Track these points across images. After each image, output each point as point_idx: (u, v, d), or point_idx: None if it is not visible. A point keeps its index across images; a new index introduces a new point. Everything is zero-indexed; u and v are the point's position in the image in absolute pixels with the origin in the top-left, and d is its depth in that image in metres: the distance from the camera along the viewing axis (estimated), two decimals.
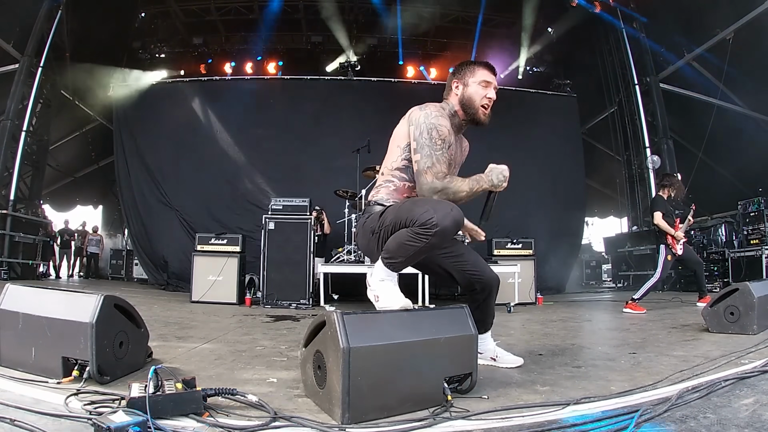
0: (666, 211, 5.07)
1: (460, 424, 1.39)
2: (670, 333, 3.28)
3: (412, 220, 1.74)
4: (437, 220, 1.69)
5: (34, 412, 1.36)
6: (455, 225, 1.73)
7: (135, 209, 8.75)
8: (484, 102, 2.08)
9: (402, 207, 1.86)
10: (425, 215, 1.70)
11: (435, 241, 1.72)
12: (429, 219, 1.69)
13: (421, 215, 1.72)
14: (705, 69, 8.54)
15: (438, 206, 1.75)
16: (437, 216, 1.69)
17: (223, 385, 1.55)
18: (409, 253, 1.78)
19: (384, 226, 1.90)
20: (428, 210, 1.72)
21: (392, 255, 1.82)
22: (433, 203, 1.80)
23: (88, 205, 14.02)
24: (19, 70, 8.48)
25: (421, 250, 1.76)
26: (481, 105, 2.08)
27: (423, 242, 1.73)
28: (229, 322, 4.05)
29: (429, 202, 1.83)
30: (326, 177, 7.98)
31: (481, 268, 2.09)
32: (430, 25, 10.48)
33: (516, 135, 9.30)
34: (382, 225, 1.91)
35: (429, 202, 1.83)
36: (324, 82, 9.76)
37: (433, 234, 1.70)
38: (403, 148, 2.03)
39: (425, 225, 1.70)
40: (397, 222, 1.82)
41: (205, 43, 10.54)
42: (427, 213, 1.71)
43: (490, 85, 2.08)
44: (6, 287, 1.93)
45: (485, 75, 2.09)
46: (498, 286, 2.13)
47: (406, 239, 1.76)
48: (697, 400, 1.52)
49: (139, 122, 9.07)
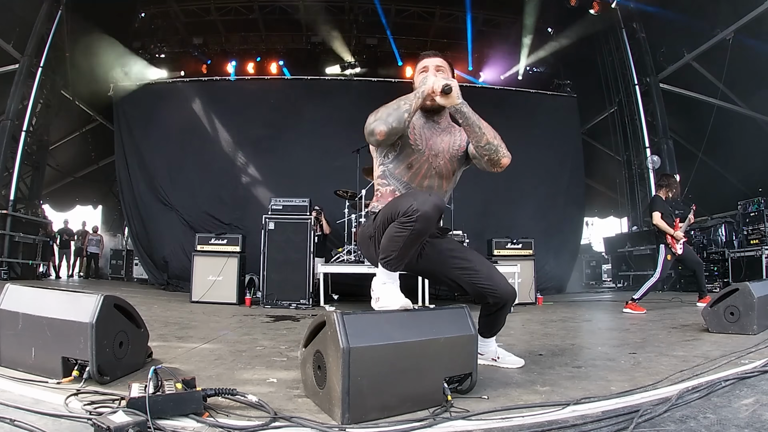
0: (665, 211, 5.07)
1: (460, 424, 1.39)
2: (670, 333, 3.28)
3: (396, 212, 1.79)
4: (417, 206, 1.73)
5: (34, 412, 1.35)
6: (435, 208, 1.76)
7: (135, 209, 8.75)
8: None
9: (387, 205, 1.92)
10: (405, 204, 1.77)
11: (419, 226, 1.75)
12: (409, 206, 1.74)
13: (402, 206, 1.78)
14: (705, 69, 8.54)
15: (417, 194, 1.82)
16: (416, 202, 1.74)
17: (223, 385, 1.55)
18: (399, 245, 1.80)
19: (377, 227, 1.94)
20: (408, 199, 1.79)
21: (386, 252, 1.85)
22: (412, 193, 1.90)
23: (88, 205, 14.03)
24: (19, 70, 8.48)
25: (410, 239, 1.78)
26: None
27: (408, 230, 1.76)
28: (229, 322, 4.05)
29: (409, 194, 1.90)
30: (326, 177, 7.98)
31: (496, 281, 2.01)
32: (429, 25, 10.51)
33: (516, 135, 9.26)
34: (376, 227, 1.95)
35: (409, 194, 1.90)
36: (324, 82, 9.77)
37: (416, 219, 1.73)
38: (377, 155, 2.11)
39: (407, 213, 1.74)
40: (385, 220, 1.87)
41: (205, 43, 10.55)
42: (407, 202, 1.77)
43: (427, 69, 2.10)
44: (6, 287, 1.93)
45: (422, 63, 2.14)
46: (513, 300, 2.08)
47: (394, 232, 1.80)
48: (697, 400, 1.52)
49: (139, 122, 9.07)
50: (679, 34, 8.60)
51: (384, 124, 1.85)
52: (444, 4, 10.20)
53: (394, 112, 1.87)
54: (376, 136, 1.86)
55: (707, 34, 8.11)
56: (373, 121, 1.88)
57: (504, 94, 9.94)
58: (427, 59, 2.14)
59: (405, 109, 1.88)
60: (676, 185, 5.40)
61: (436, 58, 2.14)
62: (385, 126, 1.84)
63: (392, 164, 2.06)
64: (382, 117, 1.87)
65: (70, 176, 12.50)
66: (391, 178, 2.07)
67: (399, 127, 1.87)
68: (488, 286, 2.00)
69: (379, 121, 1.86)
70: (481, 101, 9.58)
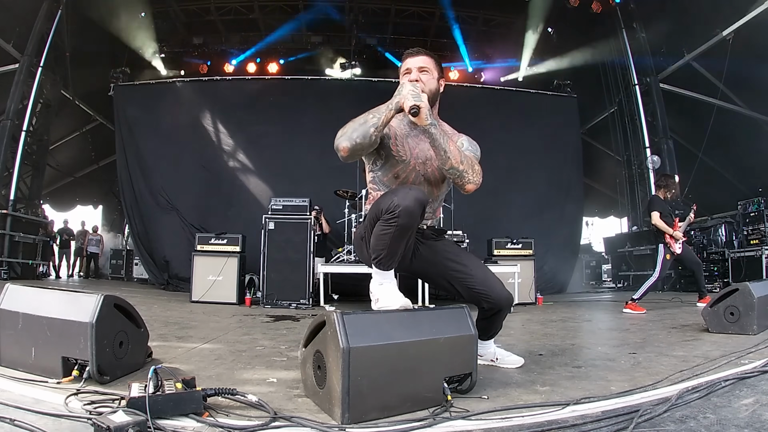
0: (663, 211, 5.07)
1: (460, 424, 1.39)
2: (669, 333, 3.28)
3: (380, 210, 1.80)
4: (398, 201, 1.73)
5: (34, 412, 1.35)
6: (417, 202, 1.75)
7: (136, 208, 8.75)
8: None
9: (373, 206, 1.92)
10: (386, 202, 1.77)
11: (402, 221, 1.74)
12: (390, 203, 1.75)
13: (384, 203, 1.78)
14: (705, 69, 8.54)
15: (398, 191, 1.81)
16: (397, 198, 1.75)
17: (223, 385, 1.55)
18: (387, 242, 1.80)
19: (365, 228, 1.95)
20: (389, 197, 1.80)
21: (376, 252, 1.85)
22: (394, 190, 1.88)
23: (88, 205, 14.04)
24: (19, 70, 8.48)
25: (396, 235, 1.78)
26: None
27: (393, 226, 1.76)
28: (229, 322, 4.05)
29: (390, 191, 1.90)
30: (326, 177, 7.99)
31: (490, 286, 1.96)
32: (429, 25, 10.51)
33: (516, 135, 9.32)
34: (365, 228, 1.96)
35: (390, 191, 1.90)
36: (324, 82, 9.77)
37: (398, 215, 1.73)
38: (367, 161, 2.08)
39: (389, 210, 1.75)
40: (372, 220, 1.87)
41: (205, 43, 10.54)
42: (388, 199, 1.78)
43: (411, 71, 2.00)
44: (6, 287, 1.93)
45: (405, 64, 2.04)
46: (509, 306, 2.02)
47: (380, 231, 1.81)
48: (697, 400, 1.52)
49: (139, 122, 9.07)
50: (680, 34, 8.60)
51: (348, 140, 1.80)
52: (444, 4, 10.19)
53: (360, 128, 1.80)
54: (340, 152, 1.82)
55: (707, 34, 8.11)
56: (339, 136, 1.82)
57: (504, 94, 9.95)
58: (410, 59, 2.04)
59: (372, 123, 1.80)
60: (674, 186, 5.40)
61: (419, 56, 2.03)
62: (349, 142, 1.79)
63: (380, 172, 2.05)
64: (347, 132, 1.81)
65: (71, 176, 12.52)
66: (380, 184, 2.06)
67: (365, 142, 1.80)
68: (482, 291, 1.96)
69: (343, 137, 1.81)
70: (481, 101, 9.64)
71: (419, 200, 1.76)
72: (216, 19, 10.35)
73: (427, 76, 2.01)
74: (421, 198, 1.78)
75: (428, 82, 2.00)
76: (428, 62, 2.03)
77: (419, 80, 1.97)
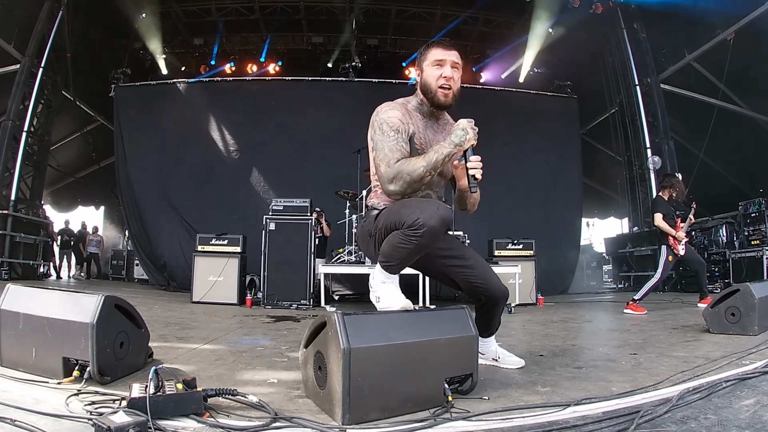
0: (666, 212, 5.06)
1: (460, 424, 1.39)
2: (670, 334, 3.27)
3: (401, 222, 1.74)
4: (423, 220, 1.68)
5: (34, 412, 1.36)
6: (442, 223, 1.72)
7: (135, 210, 8.75)
8: (440, 82, 1.93)
9: (392, 210, 1.86)
10: (412, 216, 1.71)
11: (424, 241, 1.71)
12: (416, 220, 1.69)
13: (408, 216, 1.72)
14: (706, 69, 8.53)
15: (424, 206, 1.75)
16: (423, 216, 1.69)
17: (224, 385, 1.55)
18: (402, 255, 1.78)
19: (378, 229, 1.91)
20: (414, 211, 1.72)
21: (387, 258, 1.83)
22: (419, 204, 1.79)
23: (90, 206, 14.04)
24: (20, 71, 8.48)
25: (413, 251, 1.76)
26: (439, 86, 1.94)
27: (413, 243, 1.72)
28: (230, 323, 4.05)
29: (416, 203, 1.82)
30: (327, 177, 7.99)
31: (487, 280, 1.98)
32: (430, 25, 10.51)
33: (516, 136, 9.32)
34: (377, 228, 1.92)
35: (416, 203, 1.82)
36: (325, 83, 9.77)
37: (421, 235, 1.69)
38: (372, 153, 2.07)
39: (413, 226, 1.70)
40: (388, 225, 1.83)
41: (206, 43, 10.55)
42: (414, 214, 1.71)
43: (444, 63, 1.92)
44: (7, 287, 1.93)
45: (437, 54, 1.94)
46: (505, 299, 2.05)
47: (397, 242, 1.76)
48: (698, 401, 1.52)
49: (139, 123, 9.08)
50: (680, 34, 8.60)
51: (401, 188, 1.84)
52: (444, 4, 10.20)
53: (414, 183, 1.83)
54: (391, 197, 1.89)
55: (708, 35, 8.10)
56: (392, 177, 1.83)
57: (504, 95, 9.94)
58: (443, 51, 1.94)
59: (424, 173, 1.81)
60: (679, 185, 5.35)
61: (453, 51, 1.94)
62: (402, 192, 1.85)
63: None
64: (404, 180, 1.81)
65: (72, 177, 12.52)
66: None
67: (414, 190, 1.87)
68: (481, 284, 1.98)
69: (398, 183, 1.82)
70: (482, 102, 9.65)
71: (445, 221, 1.73)
72: (217, 20, 10.36)
73: (458, 74, 1.97)
74: (447, 218, 1.74)
75: (458, 82, 1.97)
76: (460, 61, 1.98)
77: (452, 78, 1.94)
